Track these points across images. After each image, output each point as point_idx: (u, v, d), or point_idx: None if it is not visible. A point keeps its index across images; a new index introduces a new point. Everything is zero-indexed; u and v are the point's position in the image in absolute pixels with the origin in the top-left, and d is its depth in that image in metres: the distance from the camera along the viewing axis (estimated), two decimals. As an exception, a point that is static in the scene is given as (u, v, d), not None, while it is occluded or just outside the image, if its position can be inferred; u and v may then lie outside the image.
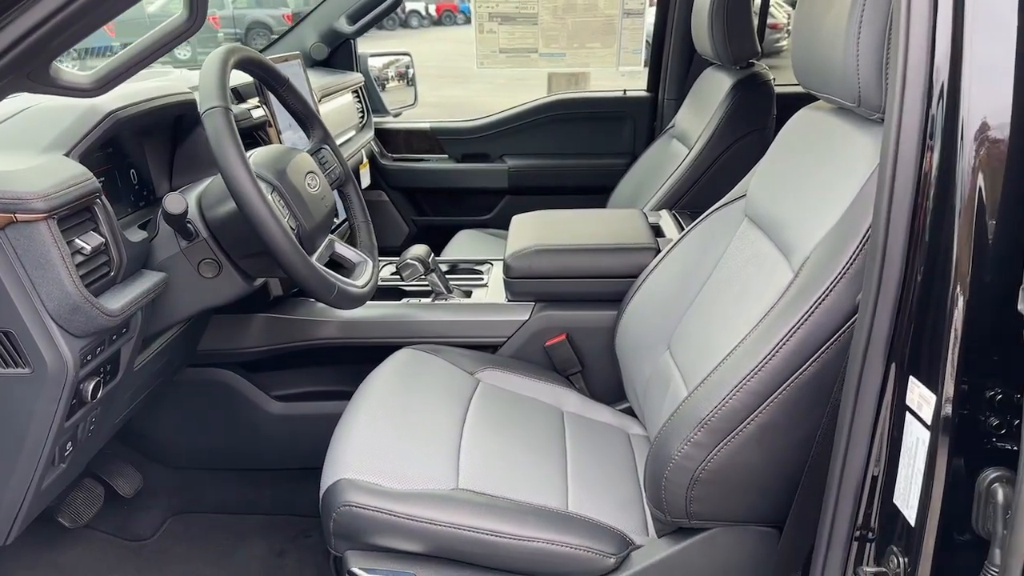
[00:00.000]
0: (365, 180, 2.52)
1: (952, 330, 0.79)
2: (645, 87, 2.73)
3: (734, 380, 1.05)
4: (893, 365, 0.87)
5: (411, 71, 2.99)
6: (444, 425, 1.35)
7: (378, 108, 2.75)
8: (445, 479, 1.22)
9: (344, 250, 1.42)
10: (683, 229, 1.78)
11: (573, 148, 2.75)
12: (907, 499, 0.86)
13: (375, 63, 2.80)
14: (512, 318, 1.67)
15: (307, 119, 1.45)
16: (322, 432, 1.40)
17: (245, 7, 16.56)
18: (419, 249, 1.70)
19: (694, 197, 2.04)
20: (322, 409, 1.73)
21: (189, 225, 1.20)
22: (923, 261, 0.82)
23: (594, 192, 2.62)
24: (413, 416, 1.36)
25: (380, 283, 1.81)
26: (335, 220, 1.89)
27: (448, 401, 1.43)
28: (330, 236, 1.40)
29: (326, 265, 1.32)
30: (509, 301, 1.70)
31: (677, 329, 1.45)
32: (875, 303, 0.87)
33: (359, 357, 1.67)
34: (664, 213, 1.91)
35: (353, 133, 2.38)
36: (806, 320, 1.02)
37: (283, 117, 1.72)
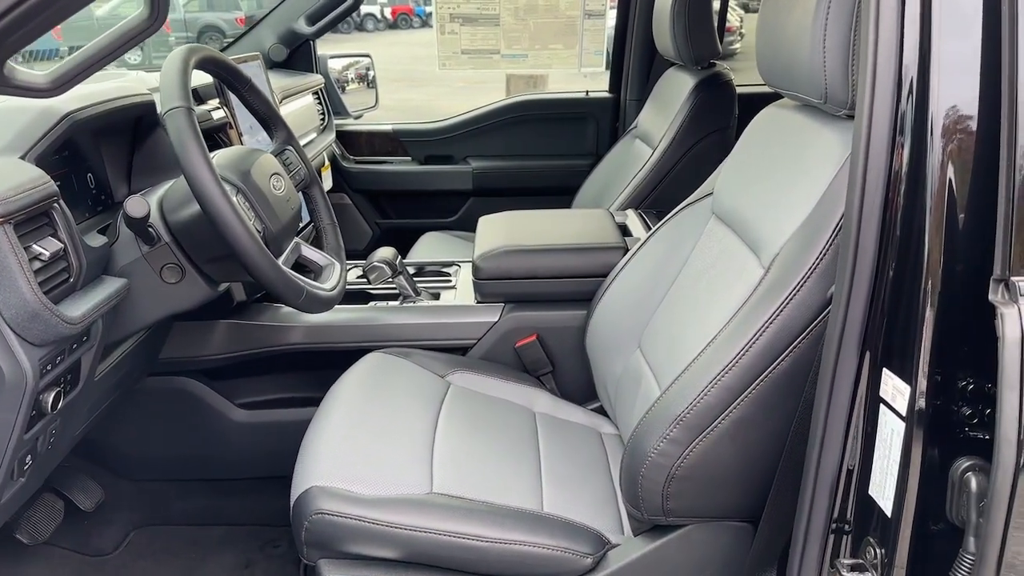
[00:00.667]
0: (327, 183, 2.49)
1: (924, 322, 0.80)
2: (606, 89, 2.75)
3: (708, 376, 1.05)
4: (867, 358, 0.88)
5: (371, 73, 2.96)
6: (416, 429, 1.34)
7: (339, 110, 2.72)
8: (419, 484, 1.20)
9: (311, 253, 1.40)
10: (650, 228, 1.79)
11: (537, 149, 2.75)
12: (883, 490, 0.87)
13: (335, 65, 2.77)
14: (482, 320, 1.66)
15: (270, 120, 1.43)
16: (289, 440, 1.38)
17: (197, 11, 16.26)
18: (386, 252, 1.68)
19: (659, 196, 2.05)
20: (289, 416, 1.70)
21: (151, 229, 1.17)
22: (895, 254, 0.84)
23: (558, 193, 2.62)
24: (384, 421, 1.34)
25: (347, 287, 1.78)
26: (300, 223, 1.86)
27: (419, 405, 1.41)
28: (296, 239, 1.37)
29: (292, 268, 1.30)
30: (478, 302, 1.69)
31: (647, 327, 1.45)
32: (848, 297, 0.88)
33: (326, 362, 1.64)
34: (630, 212, 1.92)
35: (314, 135, 2.35)
36: (778, 315, 1.02)
37: (244, 118, 1.68)
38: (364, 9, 24.97)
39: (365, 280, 1.70)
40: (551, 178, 2.73)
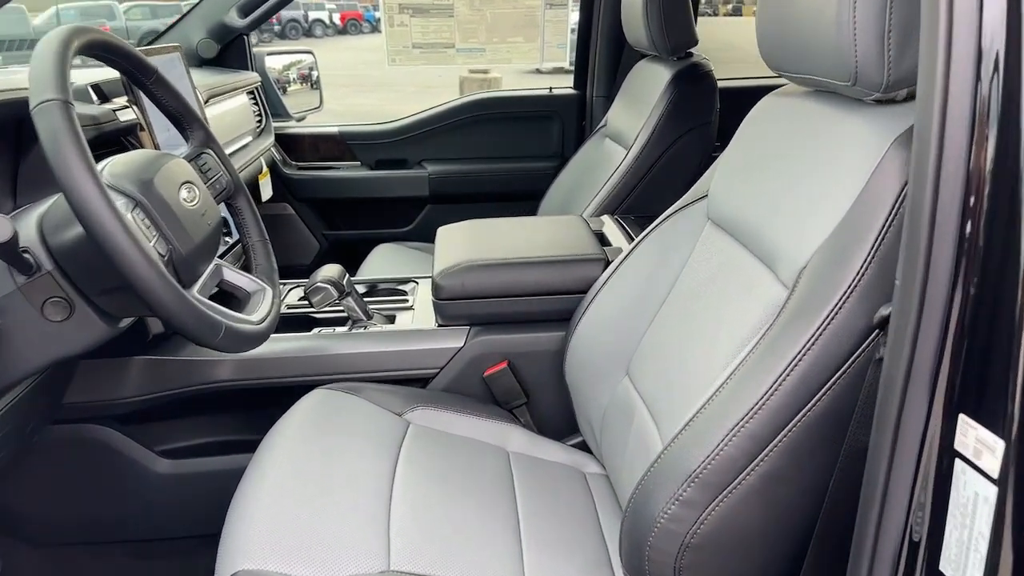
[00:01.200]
0: (267, 192, 2.25)
1: (1021, 356, 0.62)
2: (571, 85, 2.55)
3: (728, 422, 0.86)
4: (940, 402, 0.69)
5: (315, 73, 2.73)
6: (369, 483, 1.12)
7: (279, 112, 2.48)
8: (373, 558, 0.98)
9: (236, 277, 1.17)
10: (630, 236, 1.60)
11: (498, 151, 2.54)
12: (962, 568, 0.68)
13: (274, 63, 2.53)
14: (444, 345, 1.45)
15: (184, 117, 1.19)
16: (221, 492, 1.16)
17: (140, 19, 15.78)
18: (331, 270, 1.46)
19: (636, 201, 1.86)
20: (220, 465, 1.46)
21: (27, 256, 0.93)
22: (978, 270, 0.65)
23: (522, 199, 2.43)
24: (330, 475, 1.12)
25: (285, 312, 1.55)
26: (228, 240, 1.62)
27: (373, 451, 1.19)
28: (217, 261, 1.14)
29: (213, 297, 1.07)
30: (440, 326, 1.48)
31: (636, 351, 1.26)
32: (916, 325, 0.69)
33: (263, 401, 1.42)
34: (607, 219, 1.72)
35: (249, 139, 2.11)
36: (813, 345, 0.83)
37: (163, 122, 1.44)
38: (312, 15, 24.67)
39: (307, 303, 1.47)
40: (514, 182, 2.53)
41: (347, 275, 1.48)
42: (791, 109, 1.10)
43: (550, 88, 2.55)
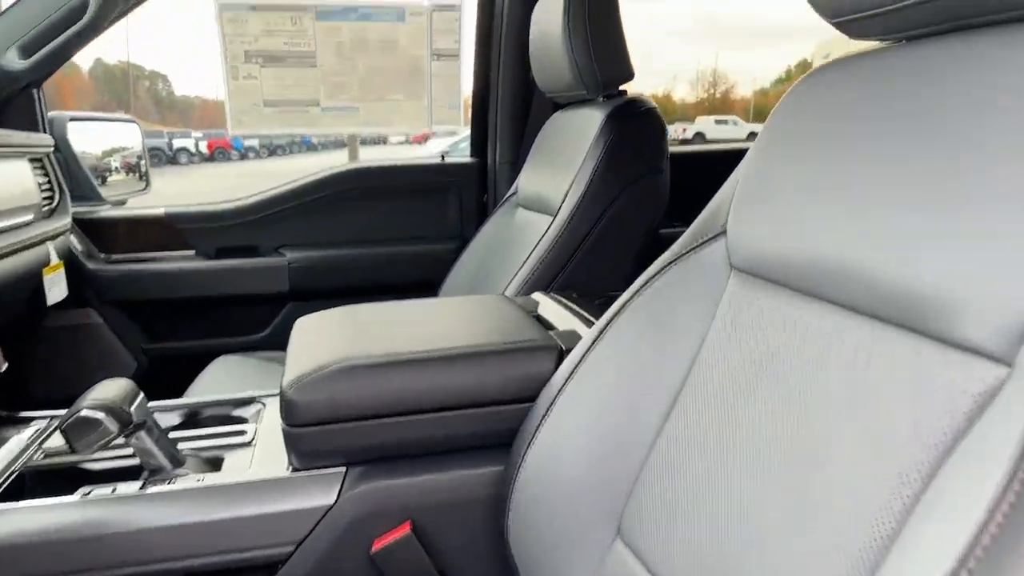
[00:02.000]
0: (57, 292, 1.62)
1: None
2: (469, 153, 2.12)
3: None
4: None
5: (144, 163, 2.18)
6: None
7: (87, 195, 1.90)
8: None
9: None
10: (585, 316, 1.11)
11: (379, 233, 2.02)
12: None
13: (85, 144, 1.95)
14: (303, 505, 0.88)
15: None
16: None
17: None
18: (110, 388, 0.88)
19: (571, 277, 1.39)
20: None
21: None
22: None
23: (414, 290, 1.91)
24: None
25: (38, 464, 0.95)
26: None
27: None
28: None
29: None
30: (294, 471, 0.91)
31: (632, 496, 0.75)
32: None
33: None
34: (541, 296, 1.23)
35: (29, 217, 1.51)
36: None
37: None
38: (177, 143, 23.93)
39: (67, 446, 0.87)
40: (402, 271, 2.01)
41: (141, 395, 0.90)
42: (879, 72, 0.66)
43: (442, 156, 2.10)
